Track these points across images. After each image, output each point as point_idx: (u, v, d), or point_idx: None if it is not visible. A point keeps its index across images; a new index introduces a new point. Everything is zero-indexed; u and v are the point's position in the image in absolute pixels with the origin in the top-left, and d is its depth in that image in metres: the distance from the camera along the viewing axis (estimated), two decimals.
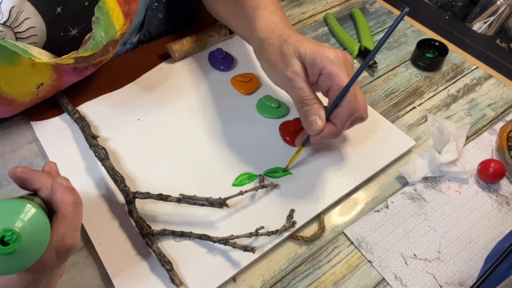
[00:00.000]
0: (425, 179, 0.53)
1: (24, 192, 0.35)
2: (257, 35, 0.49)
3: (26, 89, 0.50)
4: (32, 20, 0.46)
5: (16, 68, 0.46)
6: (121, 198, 0.48)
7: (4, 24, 0.44)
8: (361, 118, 0.47)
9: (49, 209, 0.33)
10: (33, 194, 0.35)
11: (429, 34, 0.72)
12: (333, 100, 0.43)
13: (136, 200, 0.46)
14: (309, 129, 0.44)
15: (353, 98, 0.43)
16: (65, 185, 0.33)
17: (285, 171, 0.51)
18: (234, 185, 0.50)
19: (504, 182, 0.53)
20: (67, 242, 0.32)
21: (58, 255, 0.31)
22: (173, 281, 0.42)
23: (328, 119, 0.44)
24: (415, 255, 0.46)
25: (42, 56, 0.45)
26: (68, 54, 0.46)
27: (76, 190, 0.34)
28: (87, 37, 0.47)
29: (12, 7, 0.43)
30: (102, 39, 0.48)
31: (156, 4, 0.64)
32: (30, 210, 0.29)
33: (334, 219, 0.49)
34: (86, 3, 0.49)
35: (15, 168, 0.35)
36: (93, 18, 0.46)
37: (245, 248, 0.44)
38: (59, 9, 0.47)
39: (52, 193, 0.33)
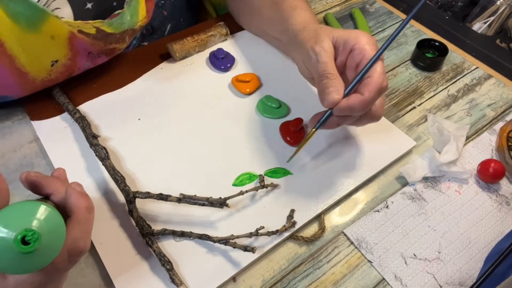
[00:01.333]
0: (425, 179, 0.53)
1: (34, 197, 0.36)
2: (293, 28, 0.51)
3: (41, 64, 0.50)
4: (62, 11, 0.47)
5: (36, 36, 0.46)
6: (121, 197, 0.48)
7: None
8: (372, 116, 0.45)
9: (61, 214, 0.34)
10: (44, 198, 0.35)
11: (429, 34, 0.72)
12: (359, 72, 0.43)
13: (137, 199, 0.46)
14: (324, 99, 0.43)
15: (381, 71, 0.42)
16: (79, 190, 0.34)
17: (290, 159, 0.50)
18: (234, 185, 0.50)
19: (504, 182, 0.53)
20: (79, 245, 0.32)
21: (70, 257, 0.32)
22: (173, 280, 0.42)
23: (354, 92, 0.43)
24: (415, 255, 0.46)
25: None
26: (94, 21, 0.48)
27: (89, 196, 0.35)
28: (116, 12, 0.49)
29: None
30: (127, 22, 0.50)
31: (162, 1, 0.65)
32: (47, 211, 0.30)
33: (334, 219, 0.49)
34: (115, 3, 0.51)
35: (28, 172, 0.35)
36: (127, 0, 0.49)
37: (245, 248, 0.44)
38: (89, 5, 0.49)
39: (67, 197, 0.34)
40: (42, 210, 0.30)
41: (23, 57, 0.47)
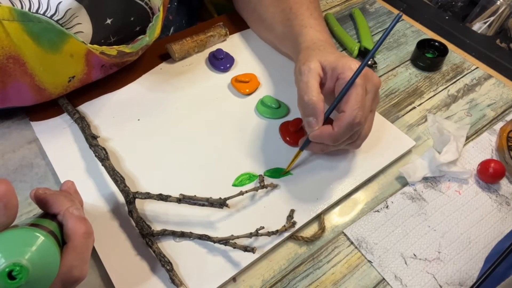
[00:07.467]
0: (425, 179, 0.53)
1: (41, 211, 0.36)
2: (300, 47, 0.51)
3: (59, 80, 0.50)
4: (83, 26, 0.48)
5: (57, 56, 0.47)
6: (121, 198, 0.48)
7: (57, 21, 0.46)
8: (351, 145, 0.48)
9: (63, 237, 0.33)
10: (51, 216, 0.35)
11: (429, 34, 0.72)
12: (335, 99, 0.44)
13: (136, 200, 0.46)
14: (306, 127, 0.46)
15: (356, 106, 0.43)
16: (77, 214, 0.33)
17: (285, 173, 0.51)
18: (234, 185, 0.50)
19: (504, 182, 0.53)
20: (74, 274, 0.31)
21: (63, 286, 0.31)
22: (173, 281, 0.42)
23: (329, 121, 0.45)
24: (415, 255, 0.46)
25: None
26: (118, 46, 0.50)
27: (87, 220, 0.34)
28: (139, 38, 0.52)
29: (68, 9, 0.46)
30: (145, 41, 0.52)
31: (169, 5, 0.65)
32: (41, 241, 0.29)
33: (334, 219, 0.49)
34: (132, 18, 0.52)
35: (37, 189, 0.35)
36: (150, 25, 0.52)
37: (245, 248, 0.44)
38: (109, 21, 0.50)
39: (64, 223, 0.33)
40: (37, 241, 0.29)
41: (43, 75, 0.48)
